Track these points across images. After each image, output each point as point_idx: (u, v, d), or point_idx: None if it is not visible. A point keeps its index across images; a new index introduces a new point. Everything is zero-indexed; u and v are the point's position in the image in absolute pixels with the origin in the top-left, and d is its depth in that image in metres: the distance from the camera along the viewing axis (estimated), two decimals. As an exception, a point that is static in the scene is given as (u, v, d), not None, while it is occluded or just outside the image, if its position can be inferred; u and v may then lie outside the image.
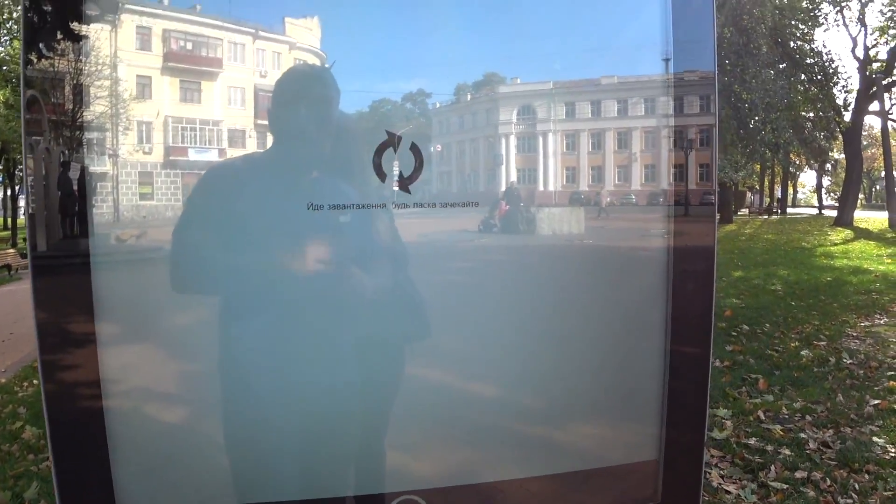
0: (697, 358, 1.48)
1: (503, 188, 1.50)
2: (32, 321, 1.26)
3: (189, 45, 1.37)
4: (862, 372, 5.89)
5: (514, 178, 1.50)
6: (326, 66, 1.37)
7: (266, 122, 1.39)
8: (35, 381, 6.26)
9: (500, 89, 1.48)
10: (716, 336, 7.07)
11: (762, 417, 4.70)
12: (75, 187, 1.31)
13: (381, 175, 1.34)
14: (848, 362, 6.21)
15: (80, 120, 1.33)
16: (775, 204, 47.29)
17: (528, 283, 1.45)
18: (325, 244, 1.34)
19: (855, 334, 7.56)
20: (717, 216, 1.55)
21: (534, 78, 1.48)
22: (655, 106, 1.51)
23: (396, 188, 1.38)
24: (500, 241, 1.44)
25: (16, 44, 27.51)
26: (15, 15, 26.80)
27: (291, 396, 1.37)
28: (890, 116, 27.87)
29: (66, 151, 1.34)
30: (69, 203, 1.33)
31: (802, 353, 6.53)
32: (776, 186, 50.45)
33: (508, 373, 1.45)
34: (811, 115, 27.42)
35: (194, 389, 1.38)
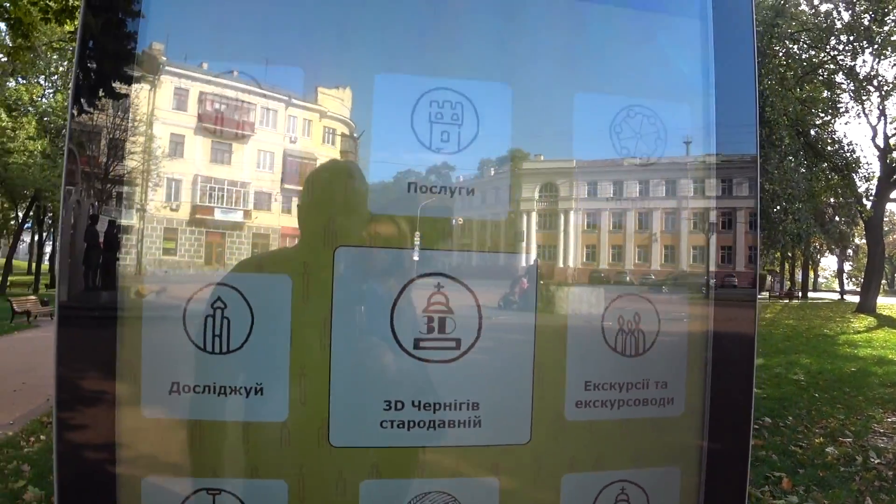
0: (734, 454, 1.48)
1: (523, 264, 1.50)
2: (52, 372, 1.26)
3: (223, 108, 1.41)
4: (891, 473, 5.63)
5: (534, 254, 1.50)
6: (355, 135, 1.40)
7: (291, 187, 1.41)
8: (42, 437, 6.17)
9: (523, 165, 1.50)
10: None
11: (788, 521, 4.48)
12: (101, 239, 1.33)
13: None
14: (876, 462, 5.95)
15: (112, 173, 1.36)
16: (796, 288, 46.71)
17: (546, 361, 1.44)
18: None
19: (882, 430, 7.28)
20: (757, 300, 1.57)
21: (556, 155, 1.53)
22: (699, 188, 1.57)
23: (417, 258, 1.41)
24: (519, 318, 1.45)
25: (59, 96, 28.70)
26: (60, 69, 28.05)
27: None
28: (912, 204, 27.80)
29: (97, 204, 1.36)
30: (94, 255, 1.34)
31: (827, 449, 6.27)
32: (797, 270, 49.97)
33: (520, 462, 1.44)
34: (832, 201, 27.41)
35: (216, 465, 1.37)
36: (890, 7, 18.77)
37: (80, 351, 1.30)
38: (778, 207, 16.33)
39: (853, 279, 56.34)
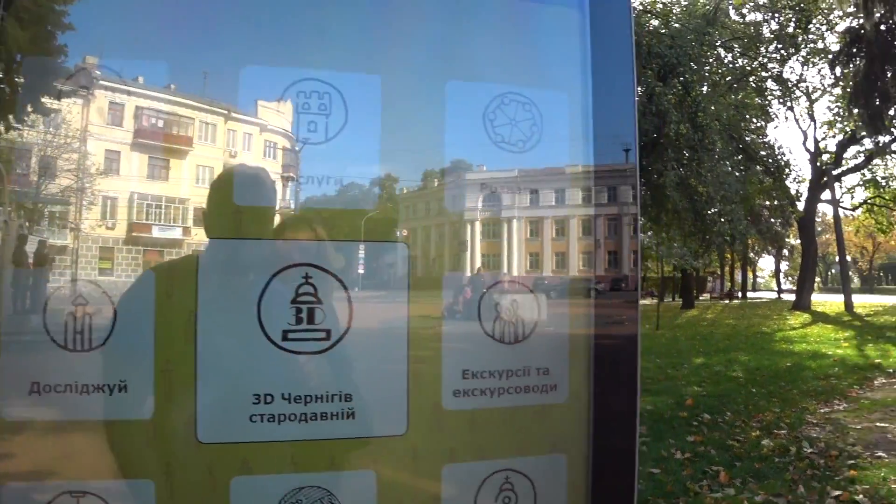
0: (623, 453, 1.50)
1: (468, 274, 1.53)
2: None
3: (160, 123, 1.39)
4: (822, 461, 5.90)
5: (478, 263, 1.53)
6: (296, 148, 1.40)
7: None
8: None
9: (466, 176, 1.53)
10: (677, 426, 7.03)
11: (723, 512, 4.65)
12: (31, 260, 1.29)
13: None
14: (808, 451, 6.22)
15: (43, 192, 1.33)
16: (735, 288, 48.43)
17: (421, 350, 1.45)
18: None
19: (815, 421, 7.61)
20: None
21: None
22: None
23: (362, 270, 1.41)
24: (391, 307, 1.46)
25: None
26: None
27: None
28: (841, 205, 29.23)
29: (27, 224, 1.32)
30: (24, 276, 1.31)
31: (763, 442, 6.53)
32: (736, 271, 51.82)
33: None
34: (767, 203, 28.58)
35: (79, 467, 1.33)
36: (813, 16, 19.72)
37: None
38: (713, 210, 16.93)
39: (790, 278, 58.77)
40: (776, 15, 22.15)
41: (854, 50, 13.13)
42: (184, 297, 1.30)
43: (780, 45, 22.49)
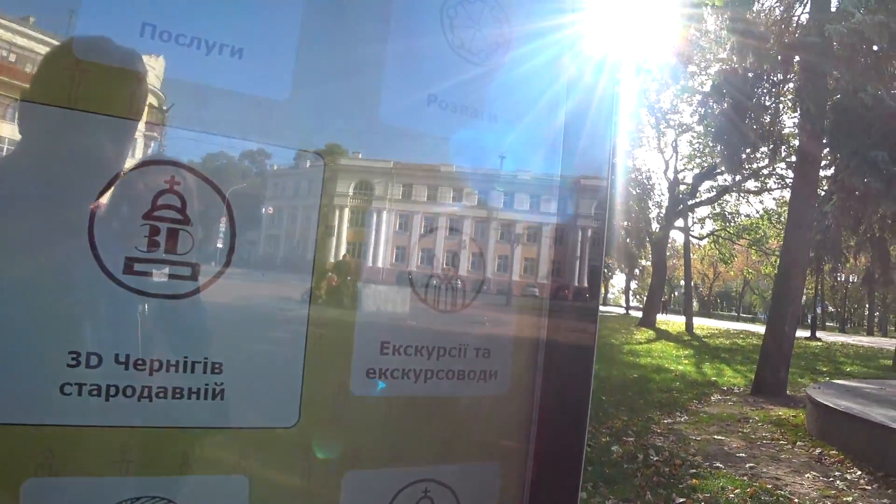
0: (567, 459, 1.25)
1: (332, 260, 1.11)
2: None
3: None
4: (667, 469, 6.17)
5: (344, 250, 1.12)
6: (165, 108, 1.00)
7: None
8: None
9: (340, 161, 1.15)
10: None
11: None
12: None
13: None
14: (654, 459, 6.49)
15: None
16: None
17: (325, 311, 1.05)
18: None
19: (659, 431, 8.01)
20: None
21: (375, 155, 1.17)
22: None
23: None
24: (289, 248, 1.06)
25: None
26: None
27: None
28: (691, 233, 31.63)
29: None
30: None
31: (613, 448, 6.75)
32: (591, 286, 54.85)
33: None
34: (626, 223, 30.41)
35: None
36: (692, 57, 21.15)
37: None
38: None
39: (638, 296, 63.09)
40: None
41: (724, 91, 14.15)
42: None
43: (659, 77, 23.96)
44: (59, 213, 0.88)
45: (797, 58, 12.90)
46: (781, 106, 15.30)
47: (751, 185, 25.89)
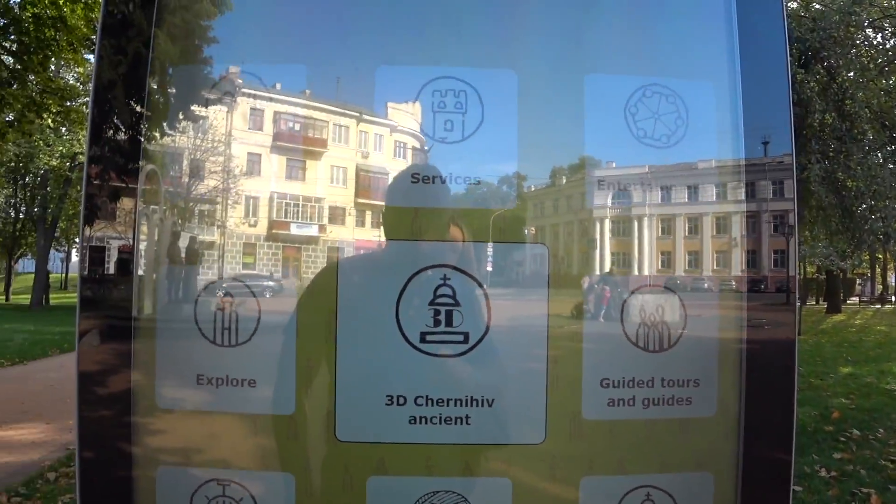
0: (778, 469, 1.38)
1: (598, 273, 1.47)
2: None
3: (297, 126, 1.45)
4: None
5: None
6: (425, 148, 1.41)
7: (365, 201, 1.45)
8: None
9: (594, 172, 1.47)
10: (822, 441, 6.45)
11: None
12: (183, 255, 1.39)
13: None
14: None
15: (193, 193, 1.42)
16: (889, 292, 44.01)
17: (561, 355, 1.41)
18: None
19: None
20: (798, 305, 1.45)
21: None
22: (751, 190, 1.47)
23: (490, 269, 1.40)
24: (531, 310, 1.42)
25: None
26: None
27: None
28: None
29: (179, 221, 1.42)
30: (177, 270, 1.40)
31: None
32: (889, 274, 47.12)
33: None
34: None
35: (227, 457, 1.40)
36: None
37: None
38: (864, 206, 15.46)
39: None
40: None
41: None
42: (325, 296, 1.36)
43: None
44: (378, 306, 1.37)
45: None
46: None
47: None
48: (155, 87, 1.39)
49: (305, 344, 1.36)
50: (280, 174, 1.45)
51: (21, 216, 32.76)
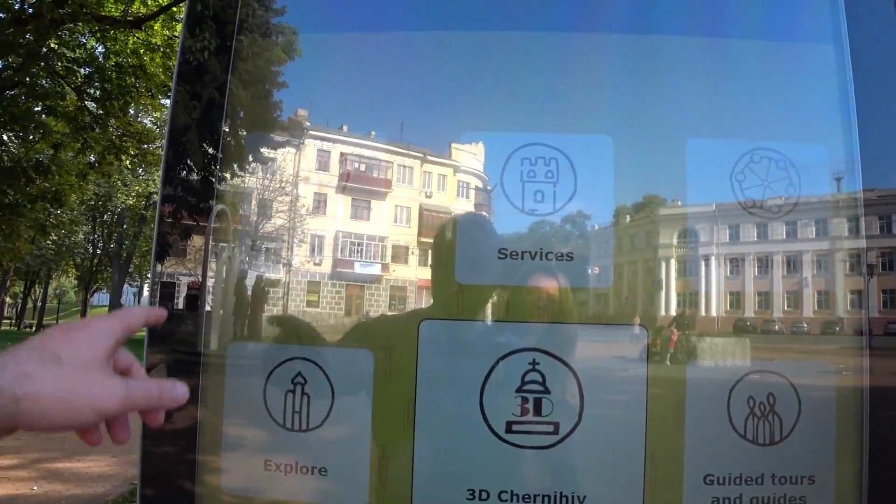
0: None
1: (663, 313, 1.40)
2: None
3: (363, 167, 1.47)
4: None
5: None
6: (489, 188, 1.41)
7: (428, 240, 1.43)
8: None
9: (659, 211, 1.43)
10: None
11: None
12: (250, 293, 1.41)
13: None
14: None
15: (261, 231, 1.45)
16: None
17: (659, 448, 1.27)
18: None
19: None
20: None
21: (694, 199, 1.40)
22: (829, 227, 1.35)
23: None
24: (627, 398, 1.30)
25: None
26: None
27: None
28: None
29: (247, 259, 1.45)
30: (243, 307, 1.43)
31: None
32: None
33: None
34: None
35: None
36: None
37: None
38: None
39: None
40: None
41: None
42: (403, 381, 1.28)
43: None
44: (460, 392, 1.28)
45: None
46: None
47: None
48: (227, 129, 1.44)
49: (382, 430, 1.29)
50: (345, 213, 1.47)
51: (98, 252, 34.52)
